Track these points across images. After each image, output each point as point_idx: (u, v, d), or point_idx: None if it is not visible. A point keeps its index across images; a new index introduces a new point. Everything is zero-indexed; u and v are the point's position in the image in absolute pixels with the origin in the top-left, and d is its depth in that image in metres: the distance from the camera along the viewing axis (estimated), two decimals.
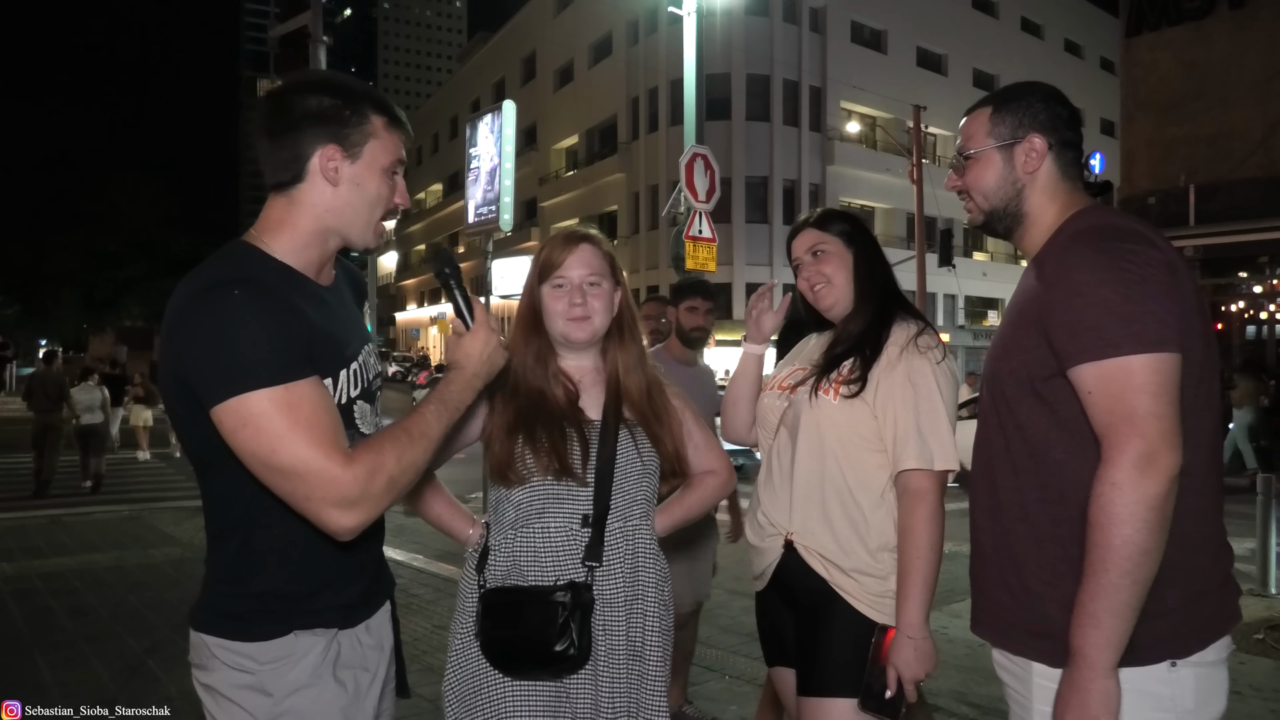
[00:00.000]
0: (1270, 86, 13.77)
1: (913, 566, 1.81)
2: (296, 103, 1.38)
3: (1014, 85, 1.66)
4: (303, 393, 1.26)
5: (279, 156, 1.39)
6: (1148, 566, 1.30)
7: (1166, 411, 1.31)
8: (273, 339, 1.26)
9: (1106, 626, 1.31)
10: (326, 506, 1.25)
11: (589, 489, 1.73)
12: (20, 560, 6.85)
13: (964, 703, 3.79)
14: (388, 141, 1.44)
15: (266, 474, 1.26)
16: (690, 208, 9.07)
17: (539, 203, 40.47)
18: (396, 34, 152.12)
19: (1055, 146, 1.57)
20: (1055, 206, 1.56)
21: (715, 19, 22.16)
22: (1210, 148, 14.35)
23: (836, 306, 2.04)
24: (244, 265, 1.37)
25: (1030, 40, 40.12)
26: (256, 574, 1.39)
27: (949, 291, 33.82)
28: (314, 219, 1.41)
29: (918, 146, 23.62)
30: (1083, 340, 1.36)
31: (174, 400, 1.36)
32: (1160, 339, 1.33)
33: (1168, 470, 1.29)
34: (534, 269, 1.85)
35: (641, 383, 1.85)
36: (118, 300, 43.66)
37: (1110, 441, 1.33)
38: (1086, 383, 1.36)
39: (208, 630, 1.41)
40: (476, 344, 1.51)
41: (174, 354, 1.31)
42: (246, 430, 1.23)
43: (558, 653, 1.63)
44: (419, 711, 3.62)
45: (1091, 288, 1.36)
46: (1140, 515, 1.28)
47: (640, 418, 1.83)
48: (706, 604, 5.58)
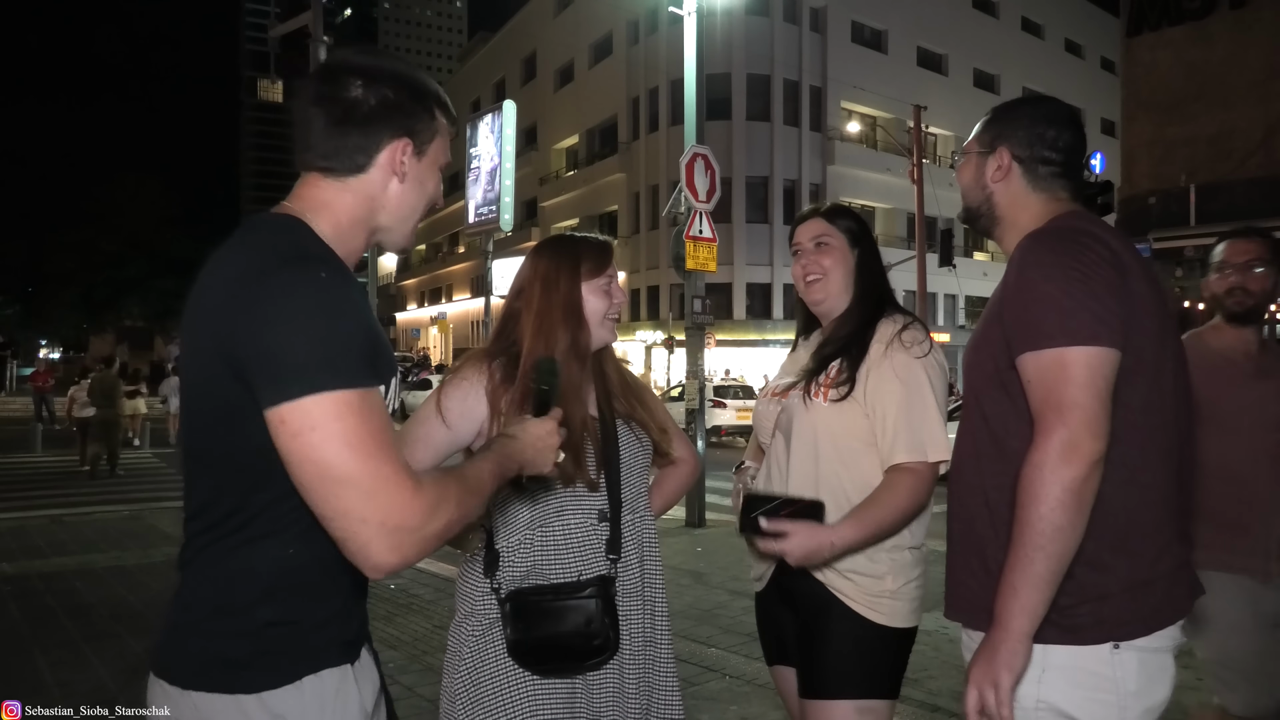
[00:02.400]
0: (1271, 86, 13.76)
1: (872, 509, 1.81)
2: (371, 91, 1.26)
3: (1020, 99, 1.80)
4: (375, 401, 1.13)
5: (343, 143, 1.26)
6: (1061, 543, 1.38)
7: (1091, 403, 1.39)
8: (353, 334, 1.13)
9: (1021, 595, 1.40)
10: (381, 533, 1.08)
11: (601, 485, 1.78)
12: (20, 560, 6.84)
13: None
14: (446, 140, 1.40)
15: (322, 485, 1.08)
16: (690, 208, 9.07)
17: (539, 203, 40.48)
18: (396, 34, 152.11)
19: (1025, 162, 1.66)
20: (1029, 214, 1.65)
21: (715, 19, 22.12)
22: (1211, 148, 14.33)
23: (825, 303, 2.04)
24: (307, 241, 1.21)
25: (1030, 40, 40.12)
26: (269, 599, 1.19)
27: (949, 291, 33.83)
28: (369, 211, 1.30)
29: (918, 146, 23.62)
30: (1025, 333, 1.46)
31: (217, 398, 1.16)
32: (1094, 334, 1.41)
33: (1088, 457, 1.38)
34: (569, 264, 1.82)
35: (616, 371, 1.93)
36: (118, 300, 43.72)
37: (1039, 427, 1.42)
38: (1026, 372, 1.46)
39: (196, 685, 1.16)
40: (539, 429, 1.44)
41: (232, 342, 1.11)
42: (314, 435, 1.07)
43: (596, 646, 1.68)
44: (419, 712, 3.62)
45: (1036, 284, 1.47)
46: (1056, 495, 1.37)
47: (626, 407, 1.88)
48: (707, 604, 5.60)
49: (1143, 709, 1.48)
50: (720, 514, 8.84)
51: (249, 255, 1.18)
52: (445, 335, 48.86)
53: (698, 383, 9.67)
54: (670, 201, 9.83)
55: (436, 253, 53.73)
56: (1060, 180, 1.67)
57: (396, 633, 4.91)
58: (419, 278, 55.23)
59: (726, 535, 7.84)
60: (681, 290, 11.37)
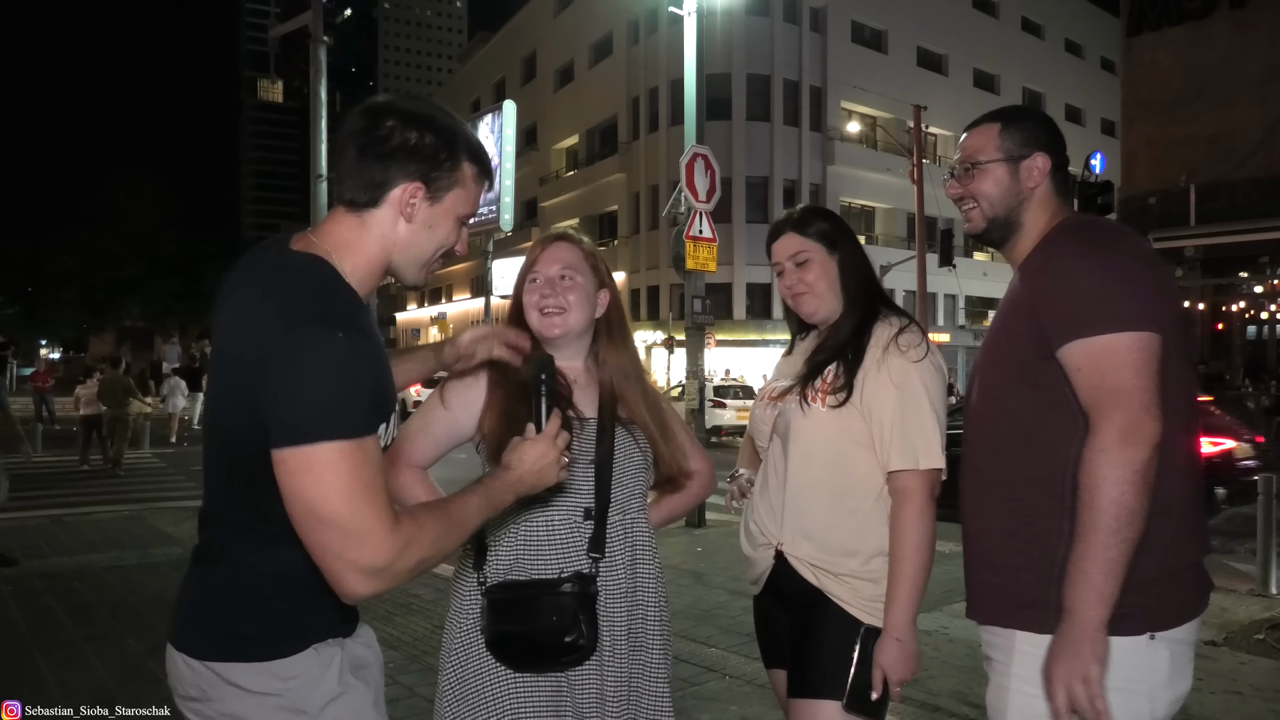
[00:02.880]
0: (1271, 86, 13.76)
1: (900, 567, 1.81)
2: (396, 131, 1.34)
3: (1015, 107, 1.82)
4: (369, 448, 1.25)
5: (361, 176, 1.35)
6: (1134, 527, 1.40)
7: (1148, 385, 1.43)
8: (361, 391, 1.25)
9: (1098, 583, 1.40)
10: (353, 569, 1.22)
11: (589, 483, 1.76)
12: (20, 560, 6.85)
13: (964, 702, 3.79)
14: (472, 191, 1.44)
15: (308, 522, 1.22)
16: (690, 208, 9.07)
17: (539, 203, 40.49)
18: (397, 34, 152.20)
19: (1054, 168, 1.70)
20: (1047, 218, 1.69)
21: (715, 19, 22.12)
22: (1211, 147, 14.34)
23: (819, 313, 2.03)
24: (337, 295, 1.32)
25: (1030, 40, 40.13)
26: (283, 588, 1.34)
27: (949, 291, 33.82)
28: (381, 249, 1.39)
29: (918, 146, 23.62)
30: (1069, 321, 1.48)
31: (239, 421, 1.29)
32: (1140, 319, 1.45)
33: (1150, 438, 1.40)
34: (519, 272, 1.91)
35: (638, 390, 1.88)
36: (118, 300, 43.72)
37: (1097, 413, 1.44)
38: (1074, 360, 1.47)
39: (218, 656, 1.33)
40: (534, 452, 1.50)
41: (254, 384, 1.23)
42: (308, 477, 1.20)
43: (569, 643, 1.66)
44: (419, 712, 3.62)
45: (1075, 274, 1.50)
46: (1126, 478, 1.39)
47: (640, 423, 1.86)
48: (706, 604, 5.60)
49: (1170, 700, 1.48)
50: (720, 514, 8.84)
51: (277, 305, 1.27)
52: (445, 335, 48.72)
53: (698, 383, 9.68)
54: (670, 201, 9.84)
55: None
56: (1068, 185, 1.73)
57: (396, 633, 4.91)
58: None
59: (726, 535, 7.84)
60: (681, 290, 11.38)
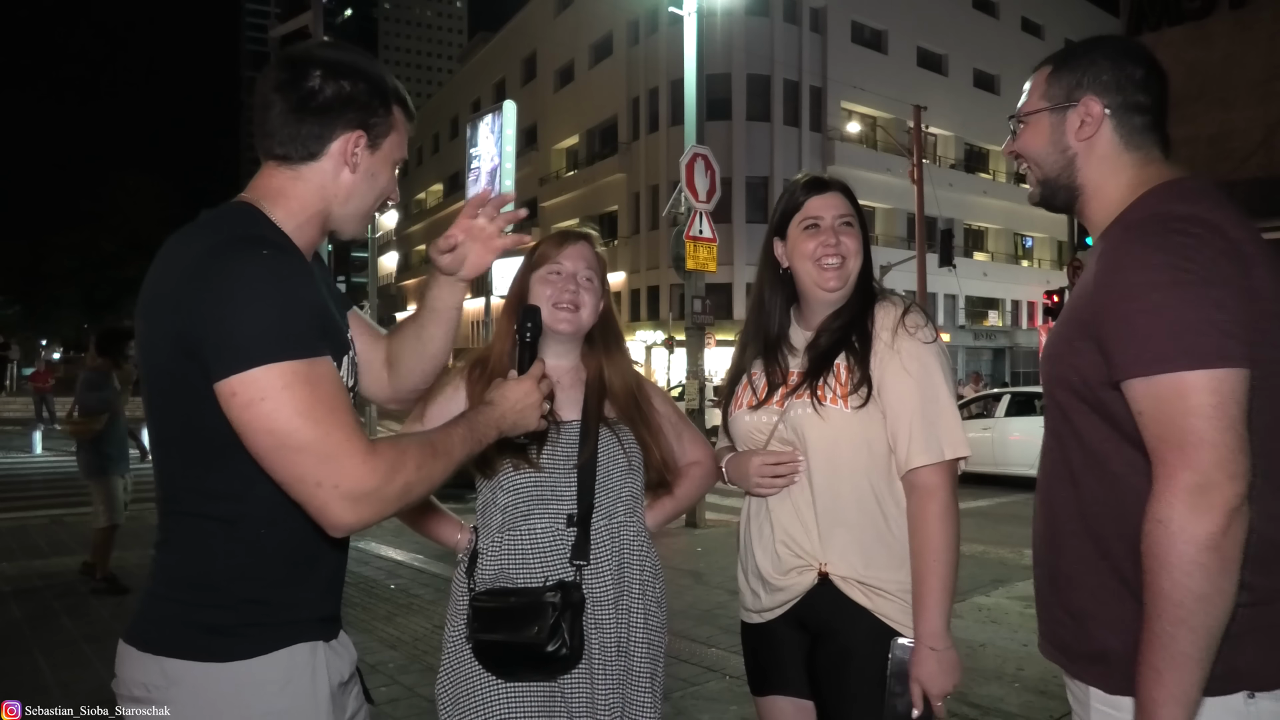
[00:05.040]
0: (1271, 86, 13.75)
1: (928, 571, 1.63)
2: (329, 81, 1.30)
3: (1085, 40, 1.46)
4: (325, 370, 1.17)
5: (298, 131, 1.30)
6: (1207, 614, 1.13)
7: (1224, 438, 1.14)
8: (300, 308, 1.17)
9: (1168, 681, 1.15)
10: (337, 496, 1.12)
11: (572, 489, 1.73)
12: (21, 560, 6.84)
13: (964, 703, 3.79)
14: (403, 135, 1.42)
15: (278, 453, 1.12)
16: (691, 208, 9.08)
17: (539, 203, 40.45)
18: (397, 34, 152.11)
19: (1116, 111, 1.38)
20: (1121, 179, 1.38)
21: (715, 19, 22.13)
22: (1211, 148, 14.31)
23: (840, 290, 1.79)
24: (259, 225, 1.26)
25: (1030, 40, 40.09)
26: (247, 578, 1.22)
27: (949, 291, 33.82)
28: (321, 200, 1.34)
29: (918, 146, 23.61)
30: (1132, 352, 1.20)
31: (170, 378, 1.20)
32: (1221, 353, 1.16)
33: (1225, 505, 1.12)
34: (526, 260, 1.88)
35: (626, 382, 1.86)
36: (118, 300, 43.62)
37: (1159, 471, 1.17)
38: (1137, 401, 1.21)
39: (171, 651, 1.19)
40: (517, 391, 1.47)
41: (183, 319, 1.15)
42: (265, 404, 1.11)
43: (550, 653, 1.63)
44: (419, 712, 3.62)
45: (1144, 291, 1.20)
46: (1191, 558, 1.12)
47: (627, 419, 1.83)
48: (706, 604, 5.60)
49: None
50: (720, 514, 8.84)
51: (201, 239, 1.21)
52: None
53: (698, 383, 9.68)
54: (670, 201, 9.84)
55: None
56: (1154, 134, 1.40)
57: (396, 633, 4.91)
58: (419, 278, 55.16)
59: (726, 535, 7.83)
60: (681, 290, 11.37)
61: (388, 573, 6.52)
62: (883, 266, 23.30)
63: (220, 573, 1.22)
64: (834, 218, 1.79)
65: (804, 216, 1.81)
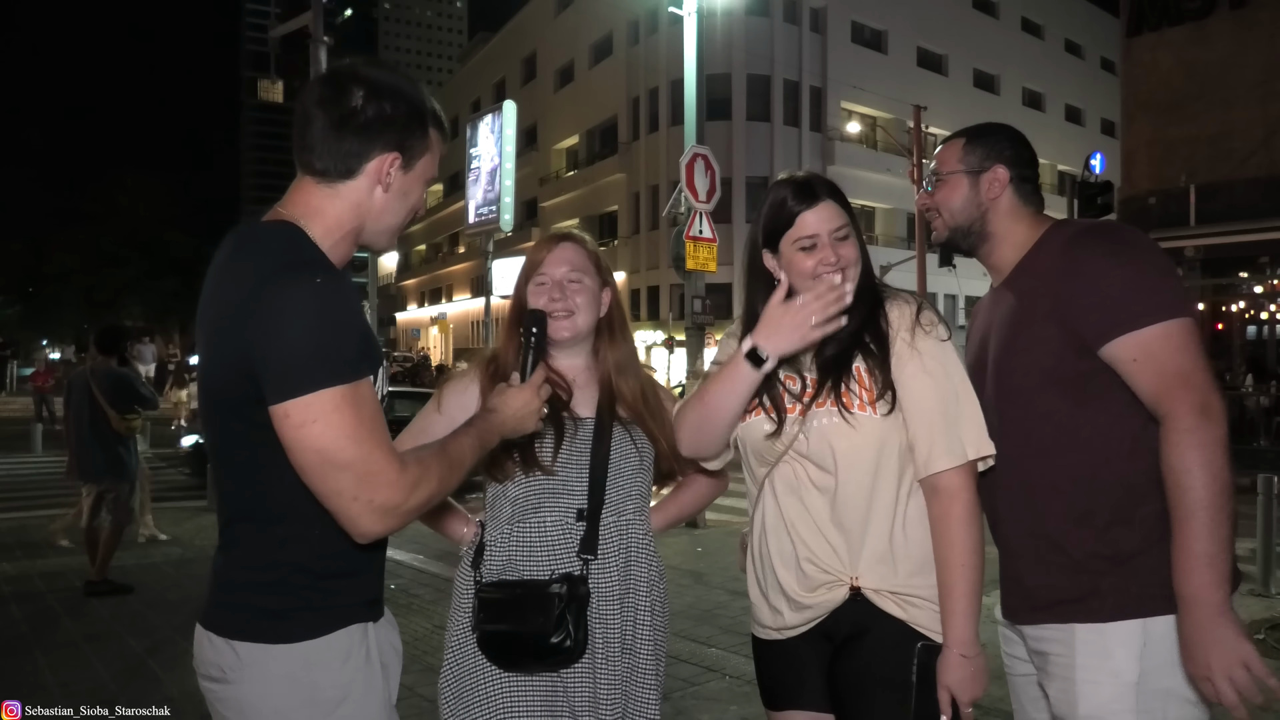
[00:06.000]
0: (1271, 86, 13.75)
1: (955, 575, 1.60)
2: (371, 102, 1.35)
3: (985, 124, 1.86)
4: (366, 391, 1.27)
5: (337, 148, 1.35)
6: (1233, 500, 1.42)
7: (1205, 365, 1.48)
8: (347, 333, 1.26)
9: (1219, 563, 1.40)
10: (370, 509, 1.25)
11: (584, 484, 1.75)
12: (21, 560, 6.84)
13: None
14: (436, 155, 1.48)
15: (321, 469, 1.23)
16: (691, 208, 9.09)
17: (539, 203, 40.46)
18: (397, 34, 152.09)
19: (1015, 179, 1.76)
20: (1022, 226, 1.74)
21: (715, 19, 22.14)
22: (1211, 148, 14.32)
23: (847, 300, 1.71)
24: (304, 249, 1.33)
25: (1030, 40, 40.11)
26: (305, 571, 1.34)
27: (949, 291, 33.74)
28: (356, 218, 1.40)
29: (918, 146, 23.61)
30: (1114, 316, 1.51)
31: (230, 400, 1.30)
32: (1182, 305, 1.50)
33: (1221, 414, 1.44)
34: (521, 270, 1.91)
35: (635, 384, 1.89)
36: (118, 300, 43.63)
37: (1168, 399, 1.46)
38: (1129, 352, 1.50)
39: (241, 635, 1.32)
40: (518, 399, 1.59)
41: (241, 348, 1.24)
42: (316, 426, 1.21)
43: (554, 645, 1.65)
44: (419, 712, 3.62)
45: (1111, 270, 1.53)
46: (1216, 454, 1.42)
47: (636, 417, 1.86)
48: (707, 604, 5.60)
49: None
50: (720, 514, 8.84)
51: (254, 264, 1.29)
52: (445, 335, 48.83)
53: (698, 383, 9.67)
54: (670, 202, 9.85)
55: (437, 253, 53.71)
56: (1037, 195, 1.78)
57: None
58: (419, 278, 55.22)
59: (726, 535, 7.83)
60: (681, 290, 11.38)
61: (388, 573, 6.49)
62: (883, 266, 23.30)
63: (281, 568, 1.34)
64: (829, 233, 1.70)
65: (798, 236, 1.71)
